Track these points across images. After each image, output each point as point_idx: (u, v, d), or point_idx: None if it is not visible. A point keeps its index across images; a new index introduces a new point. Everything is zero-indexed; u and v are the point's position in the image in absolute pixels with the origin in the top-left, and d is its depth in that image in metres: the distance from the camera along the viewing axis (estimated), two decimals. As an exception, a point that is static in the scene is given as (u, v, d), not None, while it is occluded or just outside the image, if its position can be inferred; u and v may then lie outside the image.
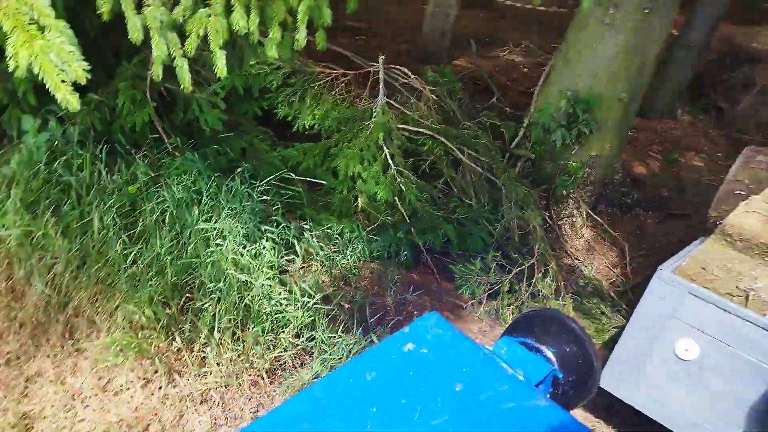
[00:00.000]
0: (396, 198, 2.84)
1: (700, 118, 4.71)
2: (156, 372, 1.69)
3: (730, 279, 1.80)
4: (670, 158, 4.00)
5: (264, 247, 1.95)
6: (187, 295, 1.83)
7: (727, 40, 5.64)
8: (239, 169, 2.29)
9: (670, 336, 1.82)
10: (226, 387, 1.69)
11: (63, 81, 0.83)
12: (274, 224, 2.11)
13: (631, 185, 3.38)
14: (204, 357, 1.76)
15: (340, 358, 1.77)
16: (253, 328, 1.75)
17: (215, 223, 1.93)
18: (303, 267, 2.10)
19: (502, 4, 9.12)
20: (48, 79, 0.82)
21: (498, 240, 2.56)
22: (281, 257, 2.01)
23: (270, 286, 1.82)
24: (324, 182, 2.81)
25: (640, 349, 1.89)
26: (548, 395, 1.06)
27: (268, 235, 2.04)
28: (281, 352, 1.76)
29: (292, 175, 2.53)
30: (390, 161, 2.94)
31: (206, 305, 1.77)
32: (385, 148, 2.98)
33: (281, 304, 1.81)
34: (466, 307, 2.30)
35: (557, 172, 3.14)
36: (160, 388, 1.68)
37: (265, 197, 2.18)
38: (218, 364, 1.70)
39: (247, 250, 1.89)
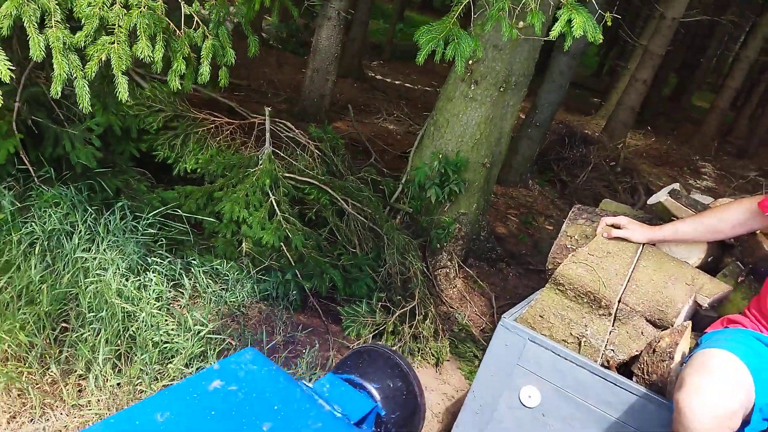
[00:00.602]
0: (282, 243, 2.92)
1: (546, 189, 5.46)
2: (25, 405, 1.54)
3: (564, 326, 1.88)
4: (525, 221, 4.58)
5: (151, 279, 1.91)
6: (63, 325, 1.72)
7: (564, 124, 6.69)
8: (119, 204, 2.24)
9: (516, 383, 1.88)
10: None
11: None
12: (159, 258, 2.08)
13: (495, 242, 3.81)
14: (81, 389, 1.64)
15: None
16: (140, 356, 1.68)
17: (95, 253, 1.86)
18: (190, 302, 2.07)
19: (373, 78, 9.90)
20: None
21: (382, 284, 2.74)
22: (169, 289, 1.98)
23: (156, 316, 1.77)
24: (209, 220, 2.81)
25: (489, 397, 1.93)
26: None
27: (155, 267, 2.00)
28: (169, 381, 1.70)
29: (179, 211, 2.52)
30: (276, 208, 3.03)
31: (85, 335, 1.68)
32: (271, 195, 3.08)
33: (169, 334, 1.77)
34: (352, 347, 2.40)
35: (432, 226, 3.45)
36: (31, 421, 1.53)
37: (150, 230, 2.14)
38: (97, 396, 1.60)
39: (131, 282, 1.84)
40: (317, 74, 5.63)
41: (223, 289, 2.15)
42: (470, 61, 3.49)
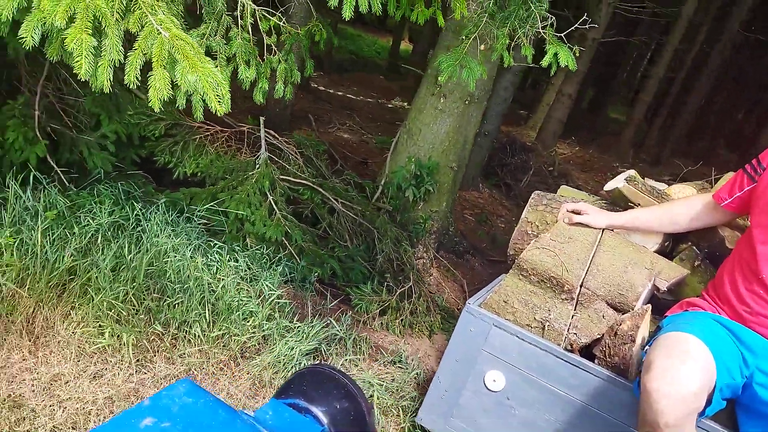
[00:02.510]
0: (283, 238, 3.32)
1: (494, 192, 6.14)
2: (133, 359, 1.88)
3: (527, 311, 1.94)
4: (480, 219, 5.20)
5: (217, 260, 2.28)
6: (154, 295, 2.06)
7: (505, 134, 7.45)
8: (162, 200, 2.58)
9: (481, 367, 1.95)
10: (200, 369, 1.96)
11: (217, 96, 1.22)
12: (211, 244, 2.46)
13: (461, 236, 4.37)
14: (175, 345, 2.00)
15: (299, 339, 2.17)
16: (227, 316, 2.06)
17: (165, 238, 2.22)
18: (243, 280, 2.44)
19: (317, 89, 10.34)
20: (208, 95, 1.21)
21: (376, 271, 3.21)
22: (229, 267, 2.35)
23: (232, 285, 2.16)
24: (220, 213, 3.17)
25: (454, 383, 1.99)
26: None
27: (216, 250, 2.38)
28: (252, 335, 2.09)
29: (216, 207, 2.88)
30: (275, 206, 3.43)
31: (176, 302, 2.04)
32: (269, 196, 3.47)
33: (243, 301, 2.16)
34: (363, 321, 2.85)
35: (409, 222, 3.96)
36: (138, 371, 1.88)
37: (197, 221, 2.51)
38: (192, 349, 1.96)
39: (201, 261, 2.21)
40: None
41: (260, 271, 2.54)
42: (439, 77, 4.06)
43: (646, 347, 1.64)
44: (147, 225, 2.26)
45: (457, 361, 1.98)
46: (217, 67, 2.05)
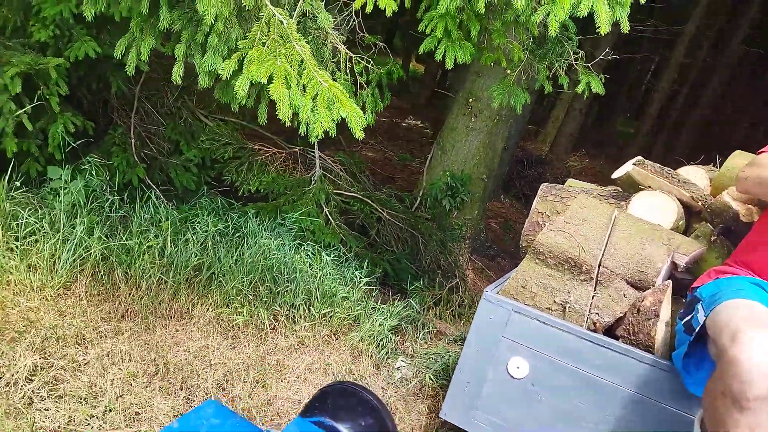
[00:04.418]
0: (340, 244, 3.85)
1: (514, 202, 6.67)
2: (257, 334, 2.41)
3: (547, 294, 1.94)
4: (505, 227, 5.72)
5: (309, 257, 2.82)
6: (267, 284, 2.59)
7: (520, 148, 8.00)
8: (253, 211, 3.13)
9: (502, 356, 1.93)
10: (309, 341, 2.48)
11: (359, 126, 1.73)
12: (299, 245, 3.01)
13: (492, 242, 4.89)
14: (288, 323, 2.52)
15: (385, 317, 2.69)
16: (328, 299, 2.59)
17: (266, 240, 2.75)
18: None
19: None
20: (353, 125, 1.73)
21: (426, 269, 3.73)
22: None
23: (327, 276, 2.69)
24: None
25: (476, 373, 1.97)
26: None
27: (307, 249, 2.93)
28: (346, 316, 2.62)
29: (293, 217, 3.42)
30: (330, 217, 3.97)
31: (285, 289, 2.57)
32: (324, 208, 4.01)
33: (337, 288, 2.69)
34: (420, 311, 3.36)
35: (446, 228, 4.49)
36: (262, 344, 2.40)
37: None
38: (294, 330, 2.48)
39: (300, 258, 2.75)
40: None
41: (337, 267, 3.07)
42: (470, 99, 4.62)
43: (694, 317, 1.61)
44: (246, 230, 2.80)
45: (478, 351, 1.98)
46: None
